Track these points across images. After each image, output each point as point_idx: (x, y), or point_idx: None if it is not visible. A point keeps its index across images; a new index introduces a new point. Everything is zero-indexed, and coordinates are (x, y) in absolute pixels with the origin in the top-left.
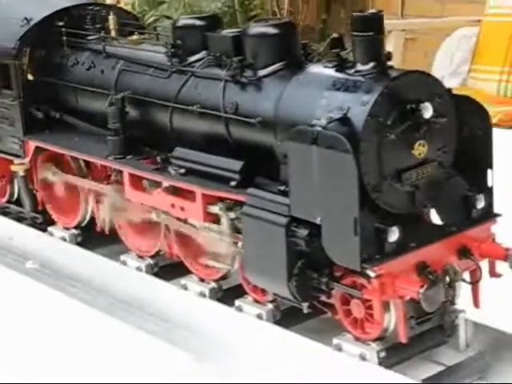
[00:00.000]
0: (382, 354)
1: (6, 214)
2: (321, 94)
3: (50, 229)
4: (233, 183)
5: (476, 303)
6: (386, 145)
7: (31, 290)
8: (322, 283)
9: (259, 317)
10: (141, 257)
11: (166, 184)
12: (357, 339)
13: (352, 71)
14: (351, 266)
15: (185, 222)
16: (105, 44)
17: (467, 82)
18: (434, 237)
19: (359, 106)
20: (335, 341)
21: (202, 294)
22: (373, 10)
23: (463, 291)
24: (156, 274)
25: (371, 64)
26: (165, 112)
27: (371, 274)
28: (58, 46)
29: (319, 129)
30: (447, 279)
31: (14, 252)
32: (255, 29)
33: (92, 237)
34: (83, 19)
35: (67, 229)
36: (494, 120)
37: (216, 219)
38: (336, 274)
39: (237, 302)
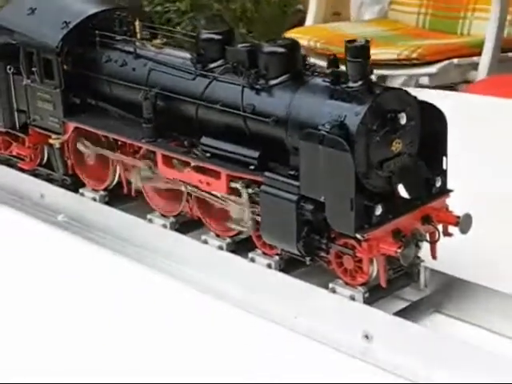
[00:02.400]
0: (366, 295)
1: (36, 175)
2: (323, 102)
3: (81, 190)
4: (252, 167)
5: (433, 256)
6: (372, 144)
7: (63, 239)
8: (322, 243)
9: (269, 266)
10: (164, 216)
11: (194, 164)
12: (346, 284)
13: (345, 86)
14: (347, 233)
15: (208, 193)
16: (135, 46)
17: (388, 14)
18: (405, 209)
19: (353, 116)
20: (331, 285)
21: (220, 247)
22: (362, 42)
23: (424, 248)
24: (177, 230)
25: (360, 82)
26: (191, 107)
27: (361, 238)
28: (92, 45)
29: (324, 133)
30: (415, 240)
31: (46, 208)
32: (268, 48)
33: (117, 198)
34: (112, 22)
35: (96, 191)
36: (413, 55)
37: (236, 192)
38: (332, 236)
39: (250, 254)
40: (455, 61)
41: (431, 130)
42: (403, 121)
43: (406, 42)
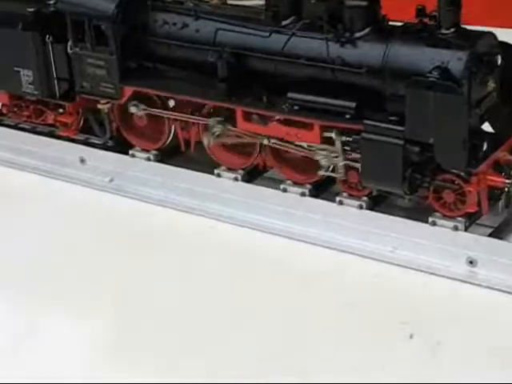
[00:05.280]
0: (467, 224)
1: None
2: (422, 50)
3: (131, 151)
4: (347, 116)
5: None
6: (473, 86)
7: (120, 202)
8: (425, 181)
9: (360, 207)
10: (231, 169)
11: (278, 117)
12: (445, 216)
13: (439, 33)
14: (460, 169)
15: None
16: (194, 7)
17: None
18: (497, 144)
19: (456, 61)
20: (430, 219)
21: (303, 194)
22: None
23: None
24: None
25: (452, 29)
26: (270, 63)
27: (472, 173)
28: (144, 9)
29: (434, 79)
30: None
31: (93, 172)
32: (351, 2)
33: (170, 157)
34: None
35: (147, 151)
36: None
37: (327, 141)
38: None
39: (337, 198)
40: None
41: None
42: (498, 62)
43: None
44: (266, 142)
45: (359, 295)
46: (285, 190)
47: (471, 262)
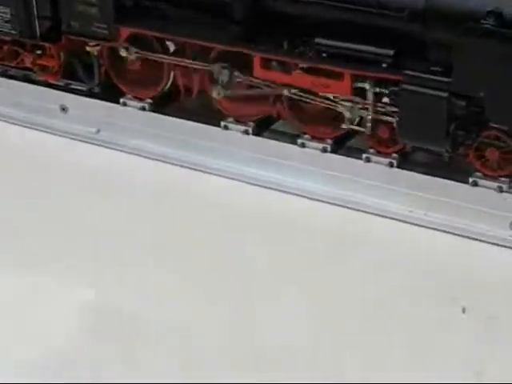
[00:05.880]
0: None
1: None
2: None
3: (122, 99)
4: (384, 65)
5: None
6: None
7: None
8: (470, 138)
9: (390, 164)
10: (239, 121)
11: (303, 66)
12: (486, 175)
13: None
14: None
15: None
16: None
17: None
18: None
19: (511, 5)
20: (471, 179)
21: (324, 149)
22: None
23: None
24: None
25: None
26: (292, 5)
27: None
28: None
29: (490, 27)
30: None
31: (75, 121)
32: None
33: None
34: None
35: (140, 99)
36: None
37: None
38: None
39: (364, 155)
40: None
41: None
42: None
43: None
44: (286, 92)
45: (401, 264)
46: (303, 145)
47: None
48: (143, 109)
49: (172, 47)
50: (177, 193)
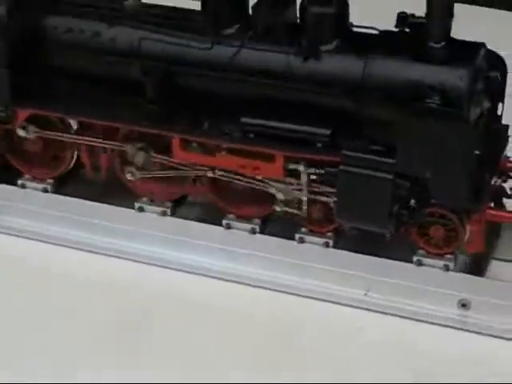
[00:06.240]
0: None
1: None
2: (410, 66)
3: (20, 181)
4: (319, 145)
5: None
6: (472, 105)
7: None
8: (413, 218)
9: (326, 244)
10: (152, 201)
11: (226, 146)
12: (429, 253)
13: (427, 46)
14: (463, 206)
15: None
16: (110, 13)
17: None
18: (492, 169)
19: (457, 81)
20: (415, 258)
21: (253, 231)
22: None
23: None
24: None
25: (443, 42)
26: (213, 82)
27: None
28: (42, 13)
29: (435, 106)
30: None
31: None
32: (316, 8)
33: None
34: None
35: (40, 180)
36: None
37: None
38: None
39: (297, 235)
40: None
41: None
42: (497, 79)
43: None
44: (210, 174)
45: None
46: (229, 226)
47: (464, 305)
48: (45, 190)
49: (75, 124)
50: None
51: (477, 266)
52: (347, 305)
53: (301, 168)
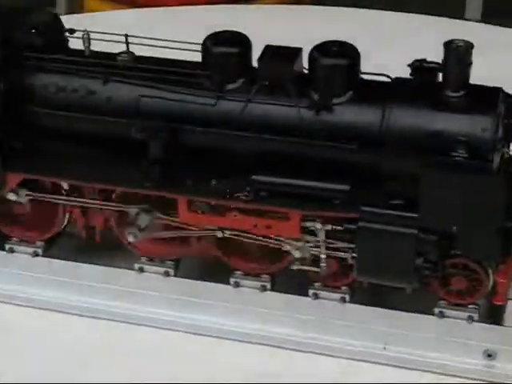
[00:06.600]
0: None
1: None
2: (433, 117)
3: (8, 245)
4: (337, 201)
5: None
6: (495, 155)
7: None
8: (437, 271)
9: (343, 299)
10: (151, 260)
11: (239, 206)
12: (453, 305)
13: (446, 95)
14: (493, 259)
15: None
16: (104, 69)
17: None
18: None
19: (480, 132)
20: (436, 310)
21: (263, 288)
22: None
23: None
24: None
25: (462, 91)
26: (219, 139)
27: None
28: (30, 72)
29: (462, 159)
30: None
31: None
32: (327, 60)
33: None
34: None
35: (30, 243)
36: None
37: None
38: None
39: (311, 291)
40: None
41: None
42: None
43: None
44: (220, 234)
45: None
46: (237, 285)
47: (489, 356)
48: (35, 254)
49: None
50: None
51: (497, 315)
52: (367, 361)
53: (318, 226)
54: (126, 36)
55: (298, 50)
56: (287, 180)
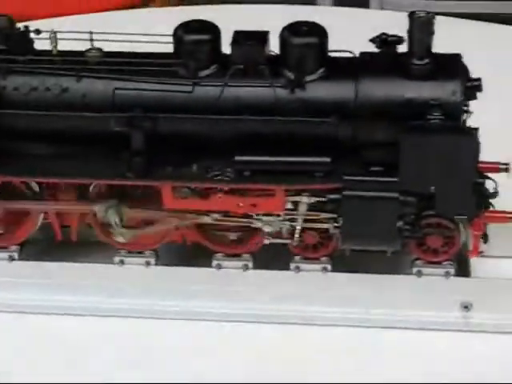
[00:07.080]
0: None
1: None
2: (402, 85)
3: None
4: (319, 174)
5: None
6: (463, 117)
7: None
8: (416, 232)
9: (324, 269)
10: (130, 252)
11: (225, 188)
12: (429, 262)
13: (412, 63)
14: (468, 216)
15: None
16: (77, 67)
17: None
18: None
19: (450, 96)
20: (414, 269)
21: (245, 267)
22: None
23: None
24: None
25: (426, 60)
26: (199, 124)
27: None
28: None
29: (438, 121)
30: None
31: None
32: (298, 39)
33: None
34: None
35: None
36: None
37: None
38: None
39: (292, 265)
40: None
41: None
42: (481, 88)
43: None
44: (207, 219)
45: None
46: (219, 267)
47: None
48: (11, 258)
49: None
50: None
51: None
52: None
53: (304, 199)
54: (91, 33)
55: (266, 33)
56: (269, 158)
